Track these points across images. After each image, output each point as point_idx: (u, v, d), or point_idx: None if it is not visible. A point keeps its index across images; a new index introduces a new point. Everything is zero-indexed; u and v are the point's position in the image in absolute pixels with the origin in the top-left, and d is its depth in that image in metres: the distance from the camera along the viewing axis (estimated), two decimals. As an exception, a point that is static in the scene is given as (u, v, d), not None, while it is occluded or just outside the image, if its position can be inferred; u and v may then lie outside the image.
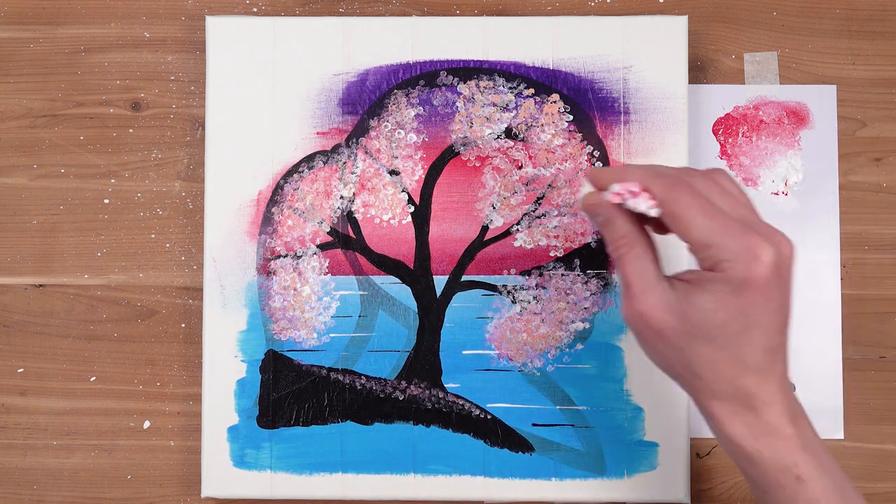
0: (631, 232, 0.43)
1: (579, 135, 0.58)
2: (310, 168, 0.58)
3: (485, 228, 0.58)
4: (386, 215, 0.58)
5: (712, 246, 0.40)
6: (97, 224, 0.60)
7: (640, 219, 0.44)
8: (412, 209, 0.58)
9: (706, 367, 0.41)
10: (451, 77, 0.58)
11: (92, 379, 0.60)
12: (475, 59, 0.58)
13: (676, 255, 0.55)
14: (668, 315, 0.41)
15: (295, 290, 0.58)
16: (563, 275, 0.57)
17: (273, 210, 0.58)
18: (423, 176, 0.58)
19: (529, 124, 0.58)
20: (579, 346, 0.57)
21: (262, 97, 0.58)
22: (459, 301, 0.58)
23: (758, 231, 0.40)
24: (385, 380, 0.58)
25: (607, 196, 0.43)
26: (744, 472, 0.43)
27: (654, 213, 0.42)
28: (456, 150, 0.58)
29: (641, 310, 0.42)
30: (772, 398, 0.41)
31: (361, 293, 0.58)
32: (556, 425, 0.57)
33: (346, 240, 0.58)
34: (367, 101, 0.58)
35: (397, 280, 0.58)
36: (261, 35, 0.58)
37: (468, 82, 0.58)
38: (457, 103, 0.58)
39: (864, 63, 0.60)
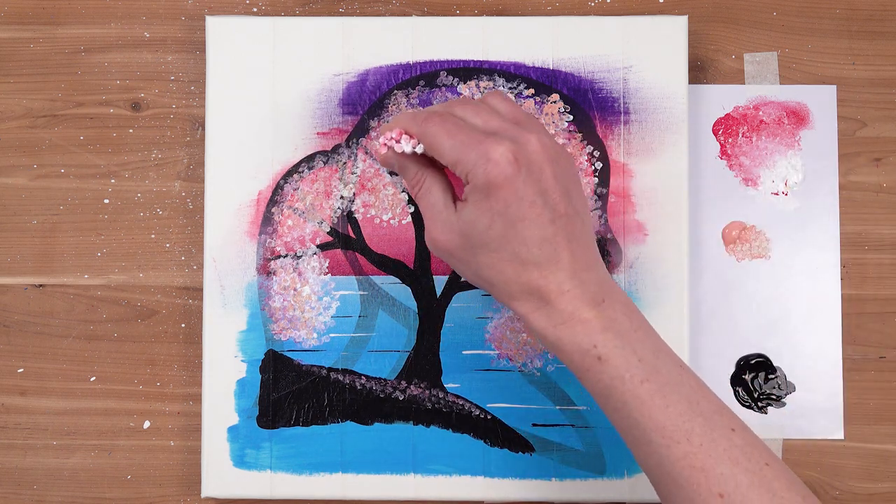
0: (419, 171, 0.46)
1: (579, 135, 0.58)
2: (310, 168, 0.58)
3: (485, 228, 0.58)
4: (386, 215, 0.58)
5: (459, 162, 0.43)
6: (97, 224, 0.60)
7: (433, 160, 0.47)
8: (412, 209, 0.58)
9: (492, 272, 0.44)
10: (451, 77, 0.58)
11: (92, 379, 0.60)
12: (475, 59, 0.58)
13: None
14: (452, 235, 0.45)
15: (295, 290, 0.58)
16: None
17: (273, 210, 0.58)
18: (423, 176, 0.58)
19: (529, 124, 0.58)
20: (579, 346, 0.57)
21: (262, 97, 0.58)
22: (459, 301, 0.58)
23: (496, 135, 0.43)
24: (385, 380, 0.58)
25: (378, 147, 0.47)
26: (561, 361, 0.44)
27: (419, 149, 0.45)
28: (456, 150, 0.58)
29: (432, 236, 0.46)
30: (561, 286, 0.43)
31: (361, 293, 0.58)
32: (556, 425, 0.57)
33: (346, 240, 0.58)
34: (367, 102, 0.58)
35: (397, 280, 0.58)
36: (261, 35, 0.58)
37: (468, 82, 0.58)
38: (457, 103, 0.58)
39: (864, 63, 0.60)
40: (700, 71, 0.60)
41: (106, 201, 0.60)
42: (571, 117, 0.58)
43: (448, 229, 0.45)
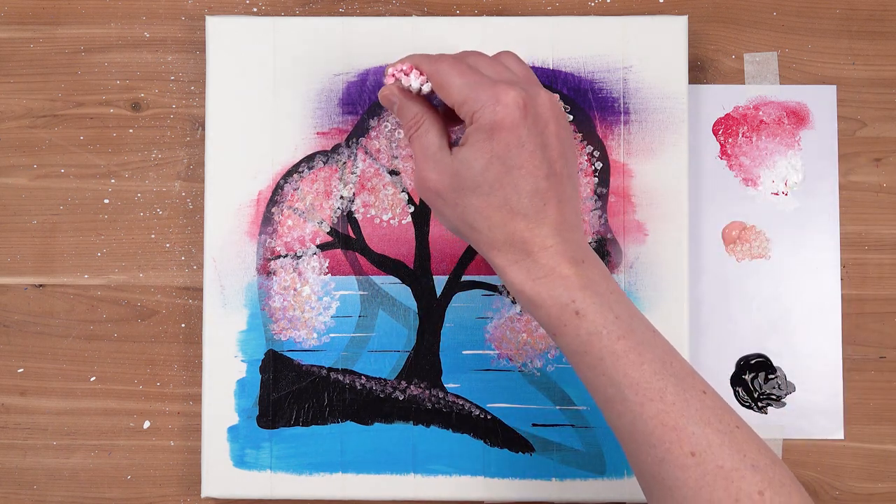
0: (418, 112, 0.46)
1: (579, 135, 0.58)
2: (310, 168, 0.58)
3: (485, 228, 0.58)
4: (386, 215, 0.58)
5: (467, 101, 0.43)
6: (97, 224, 0.60)
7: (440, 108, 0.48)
8: (412, 209, 0.58)
9: (478, 217, 0.44)
10: (451, 77, 0.58)
11: (92, 379, 0.60)
12: (475, 59, 0.58)
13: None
14: (443, 175, 0.45)
15: (295, 290, 0.58)
16: (563, 275, 0.57)
17: (273, 210, 0.58)
18: (423, 176, 0.58)
19: (529, 124, 0.58)
20: (579, 346, 0.57)
21: (262, 97, 0.58)
22: (459, 301, 0.58)
23: (508, 82, 0.43)
24: (385, 380, 0.58)
25: (387, 78, 0.47)
26: (535, 319, 0.45)
27: (426, 88, 0.46)
28: (456, 150, 0.58)
29: (423, 176, 0.45)
30: (545, 241, 0.43)
31: (361, 293, 0.58)
32: (556, 425, 0.57)
33: (346, 240, 0.58)
34: (367, 101, 0.58)
35: (397, 280, 0.58)
36: (261, 35, 0.58)
37: (468, 82, 0.58)
38: (457, 103, 0.58)
39: (864, 63, 0.60)
40: (700, 71, 0.60)
41: (106, 201, 0.60)
42: (571, 117, 0.58)
43: (440, 169, 0.45)
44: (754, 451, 0.41)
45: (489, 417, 0.57)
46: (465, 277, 0.58)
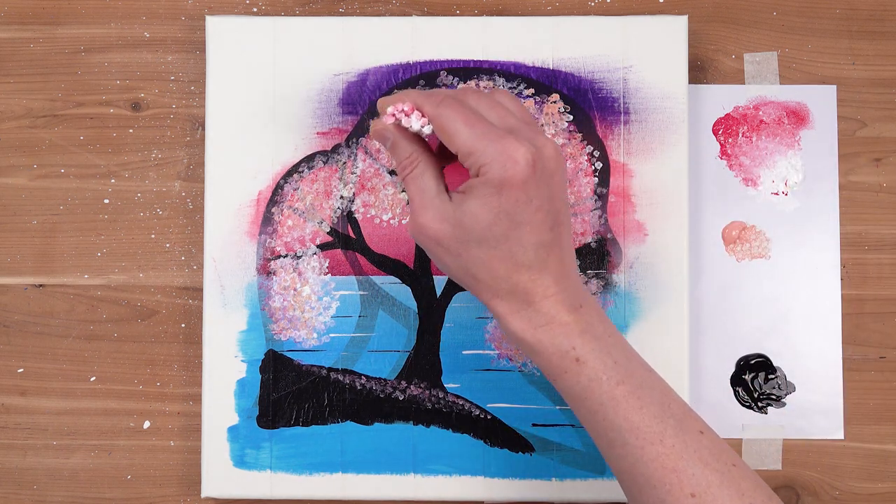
0: (414, 152, 0.45)
1: (579, 135, 0.58)
2: (310, 168, 0.58)
3: (485, 228, 0.58)
4: (386, 215, 0.58)
5: (474, 152, 0.42)
6: (97, 224, 0.60)
7: (433, 146, 0.47)
8: (412, 209, 0.58)
9: (482, 268, 0.44)
10: (451, 77, 0.58)
11: (92, 379, 0.60)
12: (475, 59, 0.58)
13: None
14: (445, 224, 0.44)
15: (295, 290, 0.58)
16: (563, 275, 0.57)
17: (273, 210, 0.58)
18: (423, 176, 0.58)
19: (529, 124, 0.58)
20: (579, 346, 0.57)
21: (262, 97, 0.58)
22: (459, 301, 0.58)
23: (517, 136, 0.43)
24: (385, 380, 0.58)
25: (384, 119, 0.46)
26: (536, 364, 0.45)
27: (427, 130, 0.45)
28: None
29: (421, 223, 0.45)
30: (546, 291, 0.44)
31: (361, 293, 0.58)
32: (556, 425, 0.57)
33: (346, 240, 0.58)
34: (367, 101, 0.58)
35: (397, 280, 0.58)
36: (261, 35, 0.58)
37: (468, 82, 0.58)
38: (457, 103, 0.58)
39: (864, 63, 0.60)
40: (700, 71, 0.60)
41: (106, 201, 0.60)
42: (571, 117, 0.58)
43: (440, 217, 0.44)
44: (751, 489, 0.43)
45: (489, 417, 0.57)
46: (465, 277, 0.58)
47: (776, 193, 0.60)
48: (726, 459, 0.43)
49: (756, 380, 0.59)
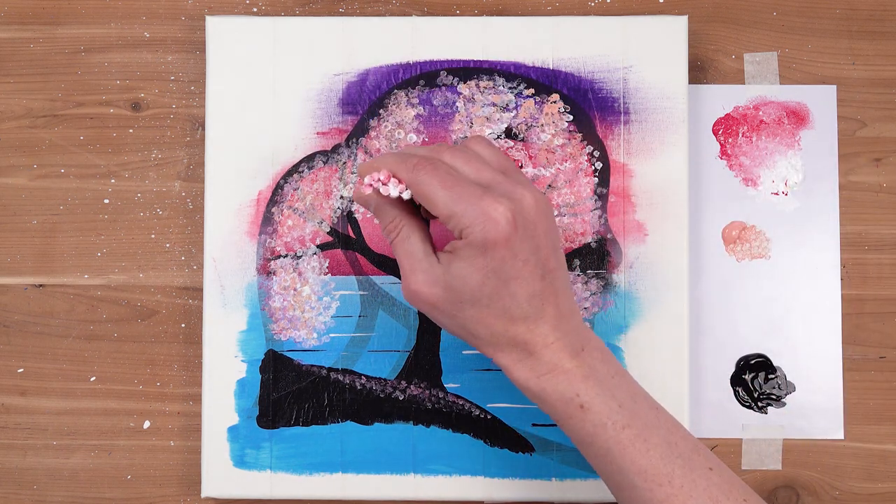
0: (398, 216, 0.46)
1: (579, 135, 0.58)
2: (310, 168, 0.58)
3: (485, 228, 0.58)
4: (386, 215, 0.58)
5: (453, 216, 0.42)
6: (97, 224, 0.60)
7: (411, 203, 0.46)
8: (412, 209, 0.58)
9: (479, 326, 0.44)
10: (451, 77, 0.58)
11: (92, 379, 0.60)
12: (475, 59, 0.58)
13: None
14: (436, 288, 0.44)
15: (295, 290, 0.58)
16: (563, 275, 0.57)
17: (273, 210, 0.58)
18: (423, 176, 0.58)
19: (529, 124, 0.58)
20: (579, 346, 0.57)
21: (262, 97, 0.58)
22: (459, 301, 0.58)
23: (494, 192, 0.43)
24: (385, 380, 0.58)
25: (363, 188, 0.45)
26: (542, 410, 0.45)
27: (406, 195, 0.44)
28: (456, 150, 0.58)
29: (413, 288, 0.45)
30: (546, 339, 0.44)
31: (361, 293, 0.58)
32: (555, 425, 0.57)
33: (346, 240, 0.58)
34: (367, 101, 0.58)
35: (397, 280, 0.58)
36: (261, 35, 0.58)
37: (468, 82, 0.58)
38: (457, 103, 0.58)
39: (864, 63, 0.60)
40: (700, 71, 0.60)
41: (106, 201, 0.60)
42: (571, 117, 0.58)
43: (431, 282, 0.44)
44: None
45: (489, 417, 0.57)
46: (465, 277, 0.58)
47: (776, 193, 0.60)
48: (737, 495, 0.43)
49: (756, 380, 0.59)
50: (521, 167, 0.58)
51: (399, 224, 0.46)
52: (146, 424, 0.60)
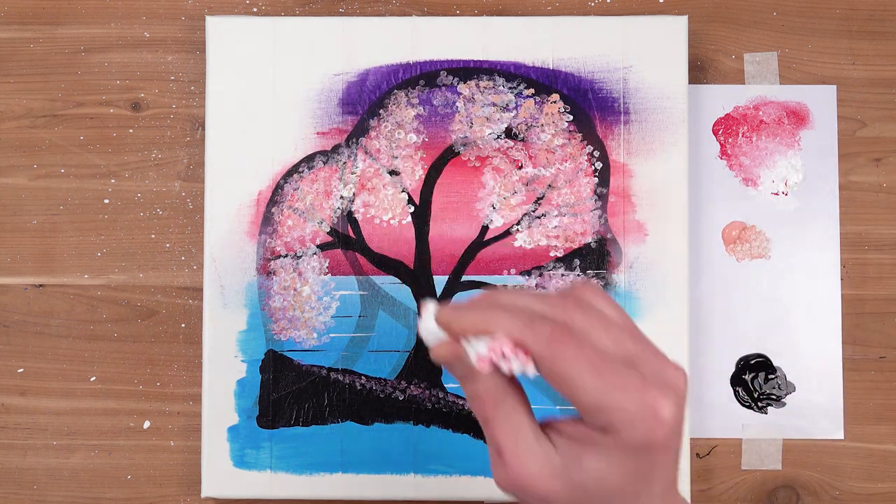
0: (496, 385, 0.36)
1: (579, 135, 0.58)
2: (310, 168, 0.58)
3: (485, 228, 0.58)
4: (386, 215, 0.58)
5: (604, 409, 0.34)
6: (97, 224, 0.60)
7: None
8: (412, 209, 0.58)
9: None
10: (451, 77, 0.58)
11: (92, 379, 0.60)
12: (475, 59, 0.58)
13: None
14: (555, 482, 0.35)
15: (295, 290, 0.58)
16: (562, 275, 0.57)
17: (273, 210, 0.58)
18: (423, 176, 0.58)
19: (529, 124, 0.58)
20: (579, 346, 0.57)
21: (262, 97, 0.58)
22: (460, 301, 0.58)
23: (654, 381, 0.34)
24: (385, 380, 0.58)
25: (471, 355, 0.35)
26: None
27: (530, 372, 0.35)
28: (456, 151, 0.58)
29: (522, 477, 0.36)
30: None
31: (361, 293, 0.58)
32: (556, 425, 0.57)
33: (346, 240, 0.58)
34: (367, 101, 0.58)
35: (397, 280, 0.58)
36: (261, 35, 0.58)
37: (468, 82, 0.58)
38: (457, 103, 0.58)
39: (864, 63, 0.60)
40: (700, 71, 0.60)
41: (106, 201, 0.60)
42: (571, 117, 0.58)
43: (550, 473, 0.36)
44: None
45: (489, 417, 0.57)
46: (465, 277, 0.58)
47: (776, 193, 0.60)
48: None
49: (756, 380, 0.59)
50: (521, 167, 0.58)
51: (501, 397, 0.37)
52: (146, 424, 0.60)
